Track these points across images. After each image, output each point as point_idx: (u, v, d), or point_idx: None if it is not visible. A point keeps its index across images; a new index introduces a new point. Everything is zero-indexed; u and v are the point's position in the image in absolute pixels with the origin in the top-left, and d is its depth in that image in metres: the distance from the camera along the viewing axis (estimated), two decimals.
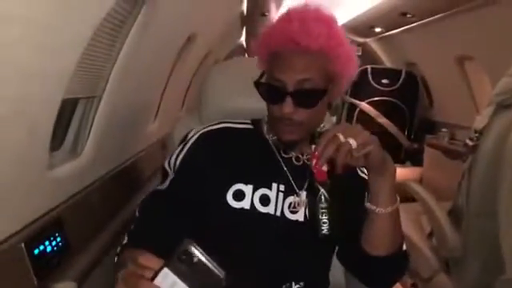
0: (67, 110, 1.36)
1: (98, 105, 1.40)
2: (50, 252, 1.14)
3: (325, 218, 0.82)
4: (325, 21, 0.92)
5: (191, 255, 0.63)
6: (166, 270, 0.63)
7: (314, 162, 0.80)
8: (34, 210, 1.12)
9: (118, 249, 0.95)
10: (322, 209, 0.82)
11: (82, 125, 1.40)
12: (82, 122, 1.40)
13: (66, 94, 1.07)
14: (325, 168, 0.81)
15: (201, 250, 0.63)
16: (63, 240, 1.21)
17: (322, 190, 0.83)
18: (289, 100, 0.89)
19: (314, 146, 0.83)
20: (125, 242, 0.96)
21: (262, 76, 0.99)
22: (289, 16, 0.93)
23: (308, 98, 0.91)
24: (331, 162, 0.79)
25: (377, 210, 0.89)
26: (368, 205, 0.91)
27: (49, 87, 0.99)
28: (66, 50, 0.99)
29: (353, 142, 0.78)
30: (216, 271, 0.63)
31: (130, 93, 1.66)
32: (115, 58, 1.37)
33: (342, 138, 0.78)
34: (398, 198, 0.91)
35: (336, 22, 0.94)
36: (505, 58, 1.78)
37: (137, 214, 1.03)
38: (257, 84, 0.97)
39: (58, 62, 0.98)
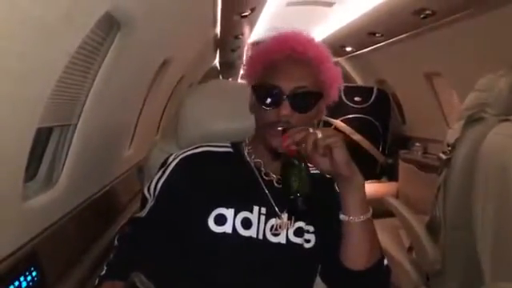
0: (41, 139, 1.33)
1: (73, 132, 1.38)
2: None
3: (296, 181, 0.85)
4: (312, 38, 1.00)
5: None
6: None
7: (283, 141, 0.87)
8: (7, 245, 1.08)
9: (97, 281, 0.93)
10: (294, 174, 0.86)
11: (56, 153, 1.37)
12: (56, 151, 1.37)
13: (41, 122, 1.05)
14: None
15: (148, 284, 0.65)
16: (39, 275, 1.16)
17: (295, 160, 0.86)
18: (286, 103, 0.92)
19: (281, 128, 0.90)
20: (103, 273, 0.94)
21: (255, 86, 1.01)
22: (280, 33, 1.01)
23: (304, 100, 0.94)
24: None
25: (349, 219, 0.91)
26: (342, 216, 0.93)
27: (23, 116, 0.97)
28: (40, 77, 0.97)
29: (319, 133, 0.85)
30: None
31: (105, 119, 1.64)
32: (90, 84, 1.36)
33: (310, 130, 0.86)
34: (371, 209, 0.93)
35: None
36: (470, 74, 1.85)
37: (115, 243, 1.00)
38: (254, 87, 1.00)
39: (33, 91, 0.96)
